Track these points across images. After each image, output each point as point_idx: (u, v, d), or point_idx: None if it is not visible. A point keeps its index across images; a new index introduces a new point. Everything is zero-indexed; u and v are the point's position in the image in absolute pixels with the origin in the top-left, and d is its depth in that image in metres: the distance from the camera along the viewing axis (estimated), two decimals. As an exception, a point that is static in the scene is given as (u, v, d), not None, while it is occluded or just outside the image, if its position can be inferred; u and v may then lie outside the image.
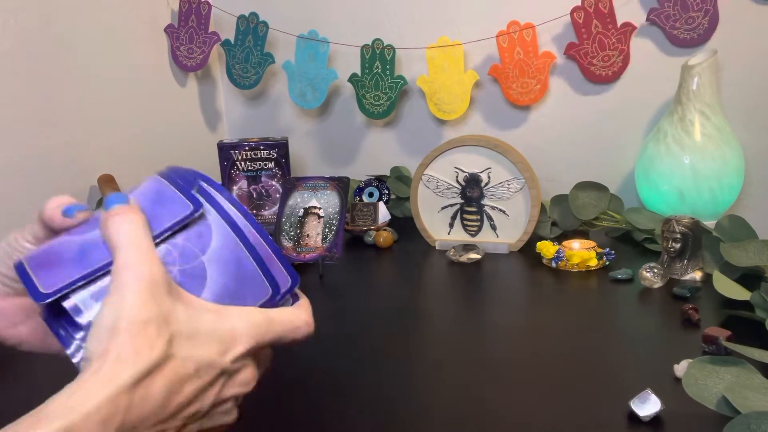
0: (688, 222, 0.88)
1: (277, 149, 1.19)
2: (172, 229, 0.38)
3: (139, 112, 1.27)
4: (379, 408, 0.58)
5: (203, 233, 0.39)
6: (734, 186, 1.06)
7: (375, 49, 1.27)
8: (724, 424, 0.48)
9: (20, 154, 1.01)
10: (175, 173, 0.44)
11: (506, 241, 1.07)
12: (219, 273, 0.39)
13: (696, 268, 0.89)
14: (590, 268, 0.95)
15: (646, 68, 1.19)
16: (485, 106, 1.31)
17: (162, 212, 0.39)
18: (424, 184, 1.10)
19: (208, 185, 0.42)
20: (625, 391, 0.56)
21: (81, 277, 0.36)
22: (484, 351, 0.70)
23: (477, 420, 0.55)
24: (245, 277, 0.39)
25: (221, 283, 0.39)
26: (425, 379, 0.64)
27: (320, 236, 0.99)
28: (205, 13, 1.33)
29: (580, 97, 1.25)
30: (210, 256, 0.39)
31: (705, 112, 1.04)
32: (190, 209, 0.39)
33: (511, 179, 1.05)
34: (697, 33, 1.12)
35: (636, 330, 0.75)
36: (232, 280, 0.39)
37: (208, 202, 0.41)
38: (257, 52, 1.34)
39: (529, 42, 1.19)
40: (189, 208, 0.39)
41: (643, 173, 1.11)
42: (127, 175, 1.18)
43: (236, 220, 0.40)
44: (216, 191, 0.41)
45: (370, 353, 0.69)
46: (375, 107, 1.30)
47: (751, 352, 0.59)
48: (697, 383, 0.55)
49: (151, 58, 1.31)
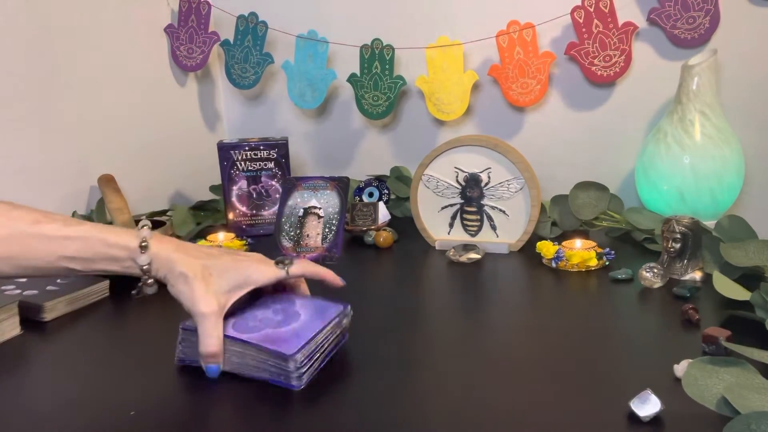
0: (688, 222, 0.88)
1: (277, 149, 1.19)
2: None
3: (139, 112, 1.27)
4: (378, 408, 0.57)
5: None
6: (734, 186, 1.06)
7: (374, 49, 1.27)
8: (724, 424, 0.48)
9: (20, 154, 1.01)
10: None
11: (506, 241, 1.07)
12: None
13: (696, 268, 0.89)
14: (590, 268, 0.95)
15: (645, 68, 1.19)
16: (485, 107, 1.31)
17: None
18: (424, 184, 1.10)
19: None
20: (625, 391, 0.56)
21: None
22: (483, 351, 0.70)
23: (477, 420, 0.55)
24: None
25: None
26: (425, 378, 0.63)
27: (320, 236, 0.99)
28: (204, 12, 1.33)
29: (580, 97, 1.25)
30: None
31: (705, 112, 1.04)
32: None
33: (511, 179, 1.05)
34: (698, 33, 1.12)
35: (636, 330, 0.75)
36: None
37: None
38: (256, 52, 1.34)
39: (529, 42, 1.19)
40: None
41: (643, 173, 1.11)
42: (127, 175, 1.18)
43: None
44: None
45: (369, 353, 0.69)
46: (374, 107, 1.30)
47: (751, 352, 0.58)
48: (697, 383, 0.55)
49: (151, 58, 1.31)
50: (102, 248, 0.60)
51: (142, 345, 0.74)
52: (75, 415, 0.58)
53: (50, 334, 0.77)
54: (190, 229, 1.20)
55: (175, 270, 0.61)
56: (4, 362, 0.69)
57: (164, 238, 0.64)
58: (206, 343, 0.60)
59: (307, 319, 0.66)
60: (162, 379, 0.64)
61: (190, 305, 0.61)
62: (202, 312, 0.60)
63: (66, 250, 0.60)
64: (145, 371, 0.66)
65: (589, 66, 1.18)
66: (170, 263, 0.61)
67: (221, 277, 0.63)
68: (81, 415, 0.58)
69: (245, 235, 1.16)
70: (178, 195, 1.37)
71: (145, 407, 0.59)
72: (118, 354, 0.72)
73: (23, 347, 0.73)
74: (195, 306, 0.60)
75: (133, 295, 0.66)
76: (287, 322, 0.65)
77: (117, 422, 0.56)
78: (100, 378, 0.65)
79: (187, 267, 0.61)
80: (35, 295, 0.82)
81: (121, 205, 1.04)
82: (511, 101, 1.24)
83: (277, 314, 0.66)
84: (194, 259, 0.62)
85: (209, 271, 0.62)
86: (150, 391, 0.62)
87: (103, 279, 0.90)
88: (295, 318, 0.66)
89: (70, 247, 0.60)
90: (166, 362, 0.67)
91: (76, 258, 0.60)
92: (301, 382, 0.60)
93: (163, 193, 1.33)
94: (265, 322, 0.64)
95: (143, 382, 0.64)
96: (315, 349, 0.63)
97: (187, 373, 0.65)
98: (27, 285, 0.85)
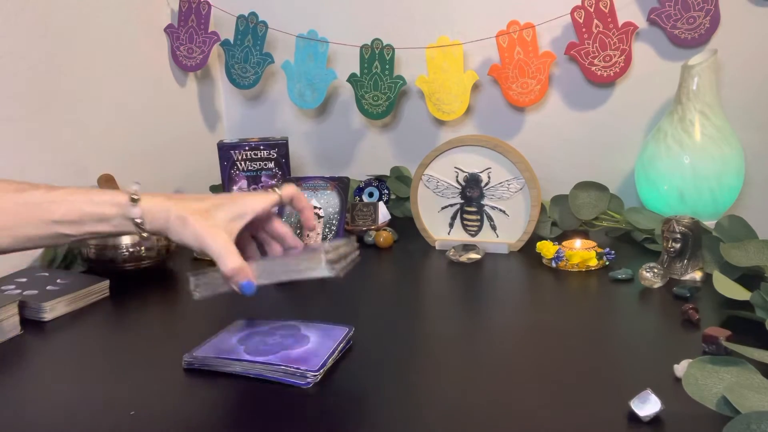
0: (688, 222, 0.88)
1: (277, 149, 1.19)
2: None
3: (139, 112, 1.27)
4: (378, 407, 0.58)
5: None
6: (734, 186, 1.06)
7: (374, 49, 1.27)
8: (724, 424, 0.48)
9: (20, 154, 1.00)
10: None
11: (506, 241, 1.07)
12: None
13: (696, 268, 0.89)
14: (590, 268, 0.95)
15: (645, 68, 1.19)
16: (485, 107, 1.31)
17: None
18: (424, 184, 1.10)
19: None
20: (625, 391, 0.56)
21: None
22: (484, 351, 0.70)
23: (477, 420, 0.55)
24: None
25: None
26: (425, 378, 0.63)
27: (320, 236, 0.99)
28: (204, 12, 1.33)
29: (580, 97, 1.25)
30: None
31: (705, 112, 1.04)
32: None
33: (511, 179, 1.05)
34: (698, 33, 1.12)
35: (636, 330, 0.75)
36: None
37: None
38: (256, 52, 1.34)
39: (529, 42, 1.19)
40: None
41: (643, 173, 1.11)
42: (127, 175, 1.18)
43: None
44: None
45: (369, 353, 0.69)
46: (374, 107, 1.30)
47: (751, 352, 0.59)
48: (697, 383, 0.55)
49: (151, 58, 1.31)
50: (89, 207, 0.59)
51: (142, 345, 0.74)
52: (75, 415, 0.58)
53: (50, 334, 0.77)
54: (190, 229, 1.20)
55: (172, 215, 0.60)
56: (4, 362, 0.69)
57: (154, 193, 0.62)
58: (226, 262, 0.59)
59: (318, 339, 0.68)
60: (162, 379, 0.64)
61: (197, 242, 0.59)
62: (212, 239, 0.59)
63: (53, 214, 0.58)
64: (145, 371, 0.66)
65: (589, 66, 1.18)
66: (165, 212, 0.60)
67: (219, 210, 0.61)
68: (81, 415, 0.58)
69: (245, 235, 1.16)
70: (178, 195, 1.37)
71: (145, 407, 0.58)
72: (118, 354, 0.72)
73: (23, 347, 0.73)
74: (203, 239, 0.59)
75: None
76: (300, 344, 0.67)
77: (117, 422, 0.56)
78: (100, 378, 0.65)
79: (183, 209, 0.60)
80: (35, 295, 0.82)
81: (121, 205, 1.04)
82: (511, 101, 1.24)
83: (286, 338, 0.69)
84: (188, 202, 0.61)
85: (206, 208, 0.61)
86: (150, 391, 0.62)
87: (103, 279, 0.90)
88: (306, 340, 0.68)
89: (58, 211, 0.58)
90: (166, 362, 0.67)
91: (65, 221, 0.59)
92: (310, 380, 0.62)
93: (163, 193, 1.33)
94: (277, 345, 0.67)
95: (143, 382, 0.64)
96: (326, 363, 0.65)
97: (188, 372, 0.65)
98: (27, 285, 0.86)
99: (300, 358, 0.64)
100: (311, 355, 0.65)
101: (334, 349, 0.66)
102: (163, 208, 0.60)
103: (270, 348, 0.66)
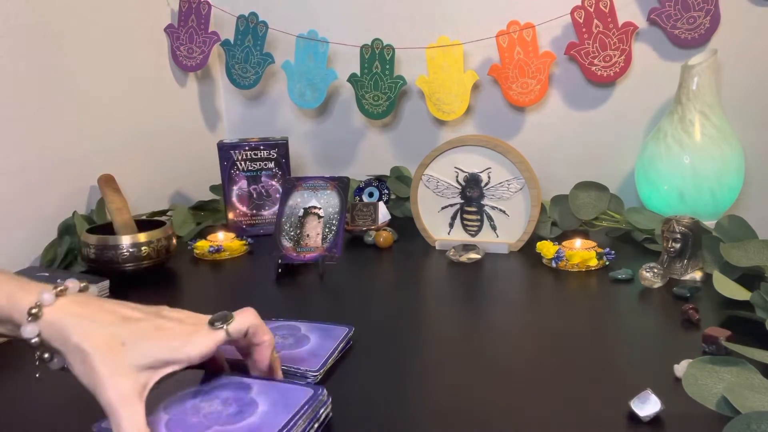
0: (688, 222, 0.88)
1: (277, 149, 1.19)
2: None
3: (139, 112, 1.27)
4: (379, 407, 0.58)
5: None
6: (734, 186, 1.06)
7: (374, 48, 1.27)
8: (724, 424, 0.48)
9: (20, 154, 1.00)
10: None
11: (506, 241, 1.07)
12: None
13: (696, 268, 0.89)
14: (590, 268, 0.95)
15: (645, 68, 1.19)
16: (485, 107, 1.31)
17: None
18: (424, 184, 1.10)
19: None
20: (625, 391, 0.56)
21: None
22: (484, 351, 0.70)
23: (476, 419, 0.55)
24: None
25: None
26: (425, 378, 0.63)
27: (320, 236, 0.99)
28: (204, 12, 1.33)
29: (580, 97, 1.25)
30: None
31: (705, 112, 1.04)
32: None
33: (511, 179, 1.05)
34: (698, 33, 1.12)
35: (636, 330, 0.75)
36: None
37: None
38: (257, 52, 1.34)
39: (529, 42, 1.19)
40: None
41: (643, 173, 1.11)
42: (127, 175, 1.18)
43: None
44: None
45: (369, 353, 0.69)
46: (374, 107, 1.30)
47: (751, 352, 0.59)
48: (697, 383, 0.55)
49: (151, 58, 1.31)
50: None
51: (142, 345, 0.74)
52: (75, 415, 0.58)
53: (50, 334, 0.77)
54: (190, 229, 1.20)
55: (70, 342, 0.46)
56: (4, 362, 0.69)
57: (77, 296, 0.50)
58: (120, 428, 0.45)
59: (269, 408, 0.50)
60: (162, 379, 0.64)
61: (93, 389, 0.46)
62: (108, 399, 0.45)
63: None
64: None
65: (589, 66, 1.18)
66: (64, 332, 0.46)
67: (136, 347, 0.47)
68: (81, 415, 0.58)
69: (245, 235, 1.16)
70: (178, 195, 1.37)
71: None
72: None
73: (23, 347, 0.73)
74: (99, 391, 0.45)
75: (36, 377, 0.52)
76: (242, 415, 0.50)
77: (117, 422, 0.56)
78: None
79: (84, 337, 0.46)
80: (35, 295, 0.81)
81: (121, 205, 1.04)
82: (511, 101, 1.24)
83: (228, 405, 0.51)
84: (98, 326, 0.47)
85: (119, 341, 0.47)
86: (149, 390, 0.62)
87: (103, 279, 0.90)
88: (252, 408, 0.51)
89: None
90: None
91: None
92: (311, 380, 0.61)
93: (163, 193, 1.33)
94: (211, 417, 0.49)
95: (143, 382, 0.64)
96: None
97: (191, 368, 0.65)
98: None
99: (300, 359, 0.64)
100: (311, 355, 0.65)
101: (334, 349, 0.66)
102: (63, 328, 0.46)
103: (201, 421, 0.50)
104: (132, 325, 0.48)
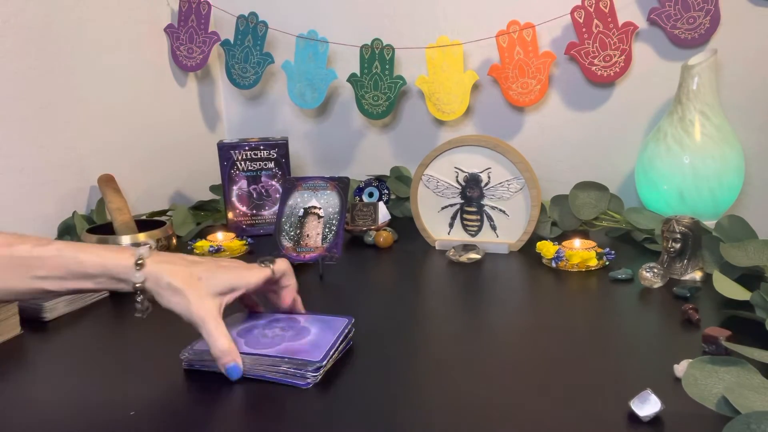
0: (688, 222, 0.88)
1: (277, 149, 1.19)
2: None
3: (139, 112, 1.27)
4: (379, 407, 0.58)
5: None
6: (734, 186, 1.06)
7: (374, 49, 1.27)
8: (724, 424, 0.48)
9: (20, 154, 1.01)
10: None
11: (506, 241, 1.07)
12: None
13: (696, 268, 0.89)
14: (590, 268, 0.95)
15: (645, 68, 1.19)
16: (485, 107, 1.31)
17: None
18: (424, 184, 1.10)
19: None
20: (625, 391, 0.56)
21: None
22: (484, 351, 0.70)
23: (476, 420, 0.55)
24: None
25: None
26: (425, 378, 0.63)
27: (320, 236, 0.99)
28: (204, 12, 1.33)
29: (580, 97, 1.25)
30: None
31: (705, 112, 1.04)
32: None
33: (511, 179, 1.05)
34: (698, 33, 1.12)
35: (636, 330, 0.75)
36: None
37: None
38: (256, 52, 1.34)
39: (529, 42, 1.19)
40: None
41: (643, 173, 1.11)
42: (127, 175, 1.18)
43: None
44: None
45: (369, 353, 0.69)
46: (374, 107, 1.30)
47: (751, 352, 0.58)
48: (697, 383, 0.55)
49: (151, 58, 1.31)
50: (74, 266, 0.60)
51: (142, 345, 0.74)
52: (75, 415, 0.58)
53: (50, 334, 0.77)
54: (190, 229, 1.20)
55: (162, 281, 0.60)
56: (5, 362, 0.69)
57: (156, 252, 0.64)
58: (216, 344, 0.60)
59: (318, 332, 0.67)
60: (162, 379, 0.64)
61: (186, 313, 0.60)
62: (200, 317, 0.60)
63: (38, 270, 0.59)
64: (145, 371, 0.66)
65: (589, 66, 1.18)
66: (158, 275, 0.61)
67: (210, 280, 0.62)
68: (81, 415, 0.58)
69: (245, 235, 1.16)
70: (178, 195, 1.37)
71: (146, 407, 0.58)
72: (118, 354, 0.72)
73: (23, 347, 0.73)
74: (191, 313, 0.60)
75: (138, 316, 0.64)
76: (300, 336, 0.66)
77: (117, 422, 0.56)
78: (100, 378, 0.65)
79: (173, 277, 0.60)
80: (35, 295, 0.82)
81: (121, 205, 1.04)
82: (511, 101, 1.24)
83: (287, 330, 0.68)
84: (180, 268, 0.62)
85: (196, 277, 0.62)
86: (150, 390, 0.62)
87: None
88: (306, 332, 0.67)
89: (42, 267, 0.59)
90: (166, 362, 0.67)
91: (49, 277, 0.60)
92: (310, 381, 0.62)
93: (163, 193, 1.33)
94: (277, 339, 0.65)
95: (143, 382, 0.64)
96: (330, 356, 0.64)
97: (188, 373, 0.65)
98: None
99: (302, 350, 0.63)
100: (313, 347, 0.64)
101: (335, 340, 0.66)
102: (156, 272, 0.61)
103: (270, 341, 0.65)
104: (201, 266, 0.63)
